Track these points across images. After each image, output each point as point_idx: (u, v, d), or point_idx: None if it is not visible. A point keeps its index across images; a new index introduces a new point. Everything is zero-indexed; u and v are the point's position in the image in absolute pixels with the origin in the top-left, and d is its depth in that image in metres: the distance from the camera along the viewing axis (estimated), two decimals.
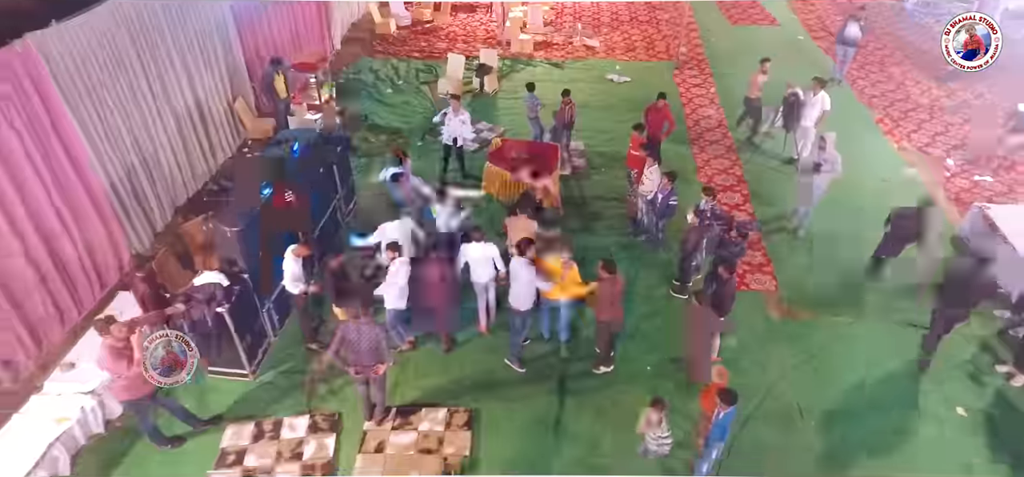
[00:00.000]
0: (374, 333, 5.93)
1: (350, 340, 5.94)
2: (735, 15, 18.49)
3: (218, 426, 6.63)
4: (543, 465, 6.47)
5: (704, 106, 13.41)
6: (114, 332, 5.52)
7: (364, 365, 6.06)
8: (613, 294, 6.76)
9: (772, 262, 9.05)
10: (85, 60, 7.63)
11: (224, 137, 11.04)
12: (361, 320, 5.90)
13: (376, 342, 5.95)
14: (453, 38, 16.89)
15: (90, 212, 7.71)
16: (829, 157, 8.90)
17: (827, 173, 8.91)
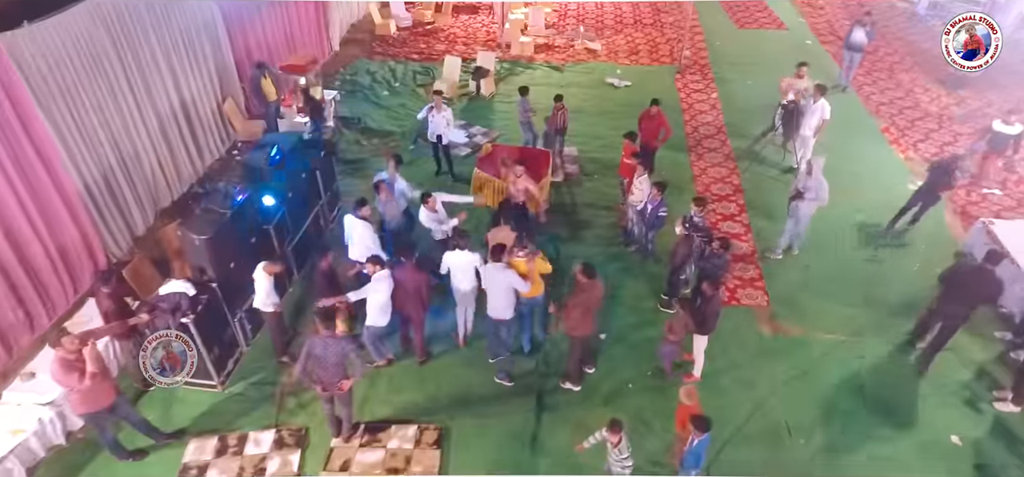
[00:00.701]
0: (341, 348, 5.73)
1: (317, 355, 5.74)
2: (742, 18, 18.14)
3: (182, 440, 6.45)
4: None
5: (704, 112, 13.09)
6: (65, 344, 5.36)
7: (330, 381, 5.85)
8: (589, 301, 6.49)
9: (765, 277, 8.73)
10: (59, 61, 7.50)
11: (212, 139, 10.91)
12: (325, 334, 5.70)
13: (343, 357, 5.75)
14: (453, 40, 16.69)
15: (62, 215, 7.59)
16: (814, 184, 8.39)
17: (811, 200, 8.40)
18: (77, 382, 5.41)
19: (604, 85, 14.28)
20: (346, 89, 13.85)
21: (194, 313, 6.40)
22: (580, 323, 6.61)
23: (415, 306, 6.97)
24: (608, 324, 8.00)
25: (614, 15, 18.56)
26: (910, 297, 8.28)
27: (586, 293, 6.49)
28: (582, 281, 6.48)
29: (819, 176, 8.38)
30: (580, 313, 6.57)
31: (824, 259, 9.02)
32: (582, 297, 6.50)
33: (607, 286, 8.49)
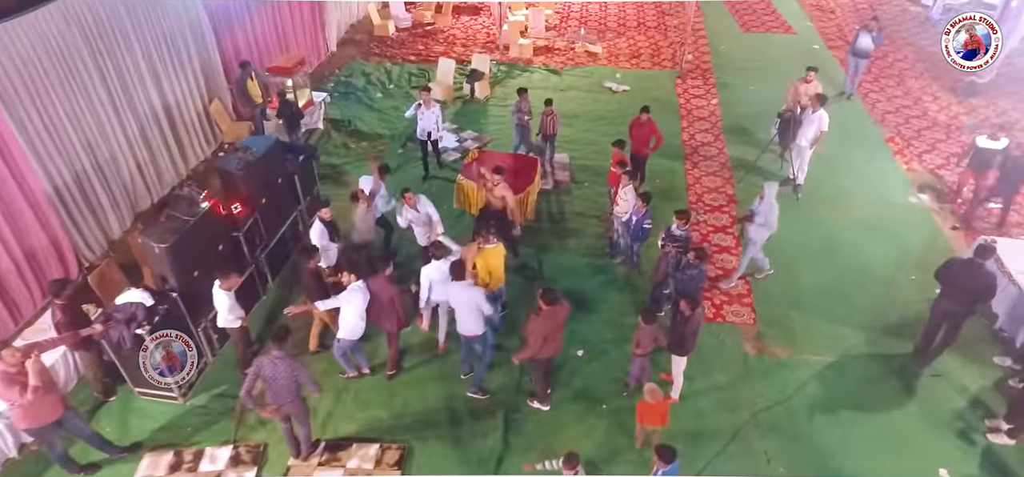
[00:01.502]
0: (291, 369, 5.50)
1: (266, 376, 5.52)
2: (748, 22, 17.73)
3: (137, 454, 6.28)
4: None
5: (703, 118, 12.73)
6: (6, 357, 5.21)
7: (282, 402, 5.63)
8: (548, 327, 6.19)
9: (754, 292, 8.39)
10: (27, 62, 7.36)
11: (197, 140, 10.78)
12: (275, 354, 5.48)
13: (293, 379, 5.52)
14: (452, 42, 16.47)
15: (29, 218, 7.46)
16: (764, 208, 7.94)
17: (760, 225, 7.96)
18: (18, 396, 5.25)
19: (602, 89, 13.97)
20: (340, 91, 13.69)
21: (150, 324, 6.22)
22: (541, 348, 6.28)
23: (389, 319, 6.71)
24: (587, 339, 7.72)
25: (617, 17, 18.23)
26: (906, 316, 7.92)
27: (546, 319, 6.17)
28: (542, 307, 6.17)
29: (771, 200, 7.95)
30: (538, 340, 6.23)
31: (817, 274, 8.66)
32: (541, 323, 6.17)
33: (591, 299, 8.33)
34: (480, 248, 7.08)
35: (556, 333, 6.36)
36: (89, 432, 6.06)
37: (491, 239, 7.09)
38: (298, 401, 5.69)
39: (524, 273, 8.72)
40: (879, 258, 8.88)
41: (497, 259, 7.16)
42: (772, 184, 8.14)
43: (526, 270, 8.77)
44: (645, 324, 6.52)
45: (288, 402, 5.64)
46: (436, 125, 10.46)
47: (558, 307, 6.20)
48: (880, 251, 8.98)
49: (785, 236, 9.29)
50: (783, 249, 9.09)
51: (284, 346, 5.50)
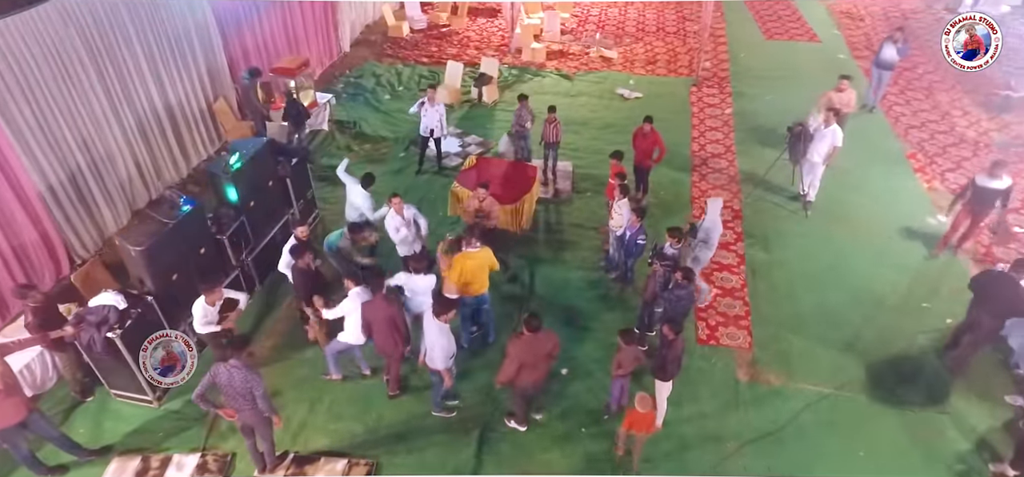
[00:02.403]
0: (246, 379, 5.38)
1: (221, 383, 5.41)
2: (772, 28, 17.21)
3: (106, 458, 6.24)
4: None
5: (715, 128, 12.33)
6: None
7: (238, 409, 5.52)
8: (529, 356, 5.91)
9: (752, 314, 8.03)
10: (20, 60, 7.39)
11: (200, 139, 10.81)
12: (231, 363, 5.37)
13: (248, 389, 5.40)
14: (466, 44, 16.32)
15: (19, 215, 7.51)
16: (707, 226, 7.62)
17: (701, 241, 7.64)
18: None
19: (613, 96, 13.66)
20: (349, 92, 13.65)
21: (122, 327, 6.17)
22: (517, 375, 5.97)
23: (390, 340, 6.39)
24: (573, 357, 7.46)
25: (637, 22, 17.87)
26: (913, 347, 7.49)
27: (526, 346, 5.87)
28: (524, 334, 5.87)
29: (714, 217, 7.62)
30: (513, 365, 5.92)
31: (821, 296, 8.25)
32: (520, 349, 5.87)
33: (581, 315, 8.07)
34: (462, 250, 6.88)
35: (537, 362, 6.00)
36: (56, 434, 6.04)
37: (475, 243, 6.90)
38: (256, 412, 5.56)
39: (513, 285, 8.50)
40: (889, 283, 8.43)
41: (477, 265, 6.90)
42: (716, 201, 7.87)
43: (515, 282, 8.54)
44: (625, 344, 6.24)
45: (245, 410, 5.52)
46: (439, 123, 10.38)
47: (541, 336, 5.89)
48: (891, 275, 8.53)
49: (790, 255, 8.97)
50: (787, 268, 8.74)
51: (240, 355, 5.38)
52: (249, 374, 5.35)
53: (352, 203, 8.23)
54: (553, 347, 6.09)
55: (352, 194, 8.16)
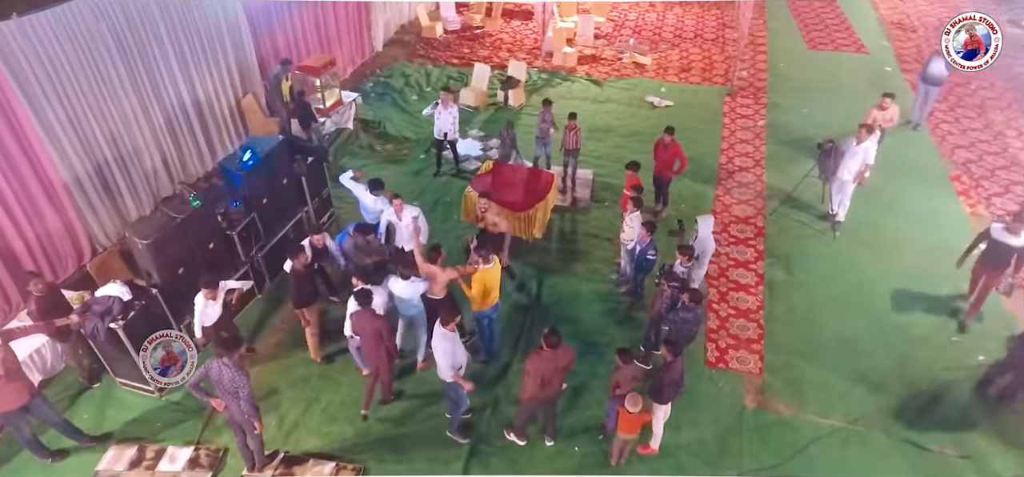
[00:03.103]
0: (233, 378, 5.42)
1: (213, 378, 5.48)
2: (816, 38, 16.57)
3: (105, 445, 6.40)
4: None
5: (746, 141, 11.91)
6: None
7: (227, 404, 5.58)
8: (549, 369, 5.82)
9: (766, 338, 7.69)
10: (51, 54, 7.64)
11: (227, 135, 11.02)
12: (224, 360, 5.41)
13: (234, 388, 5.44)
14: (498, 46, 16.25)
15: (43, 205, 7.78)
16: (697, 246, 7.33)
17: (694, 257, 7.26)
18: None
19: (643, 103, 13.37)
20: (377, 91, 13.75)
21: (124, 318, 6.31)
22: (536, 387, 5.91)
23: (377, 354, 6.34)
24: (576, 372, 7.20)
25: (675, 28, 17.47)
26: (937, 384, 7.04)
27: (545, 362, 5.80)
28: (544, 349, 5.81)
29: (706, 235, 7.37)
30: (535, 381, 5.88)
31: (842, 324, 7.85)
32: (540, 364, 5.81)
33: (587, 329, 7.88)
34: (477, 267, 6.78)
35: (553, 377, 5.95)
36: (58, 419, 6.21)
37: (489, 259, 6.79)
38: (246, 408, 5.59)
39: (520, 294, 8.36)
40: (918, 313, 7.96)
41: (495, 275, 6.87)
42: (707, 218, 7.59)
43: (523, 290, 8.41)
44: (623, 364, 6.06)
45: (233, 407, 5.58)
46: (452, 126, 10.35)
47: (559, 352, 5.83)
48: (919, 304, 8.05)
49: (812, 277, 8.59)
50: (807, 291, 8.37)
51: (231, 356, 5.42)
52: (237, 374, 5.38)
53: (365, 206, 8.29)
54: (569, 361, 6.03)
55: (364, 199, 8.22)
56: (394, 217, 7.67)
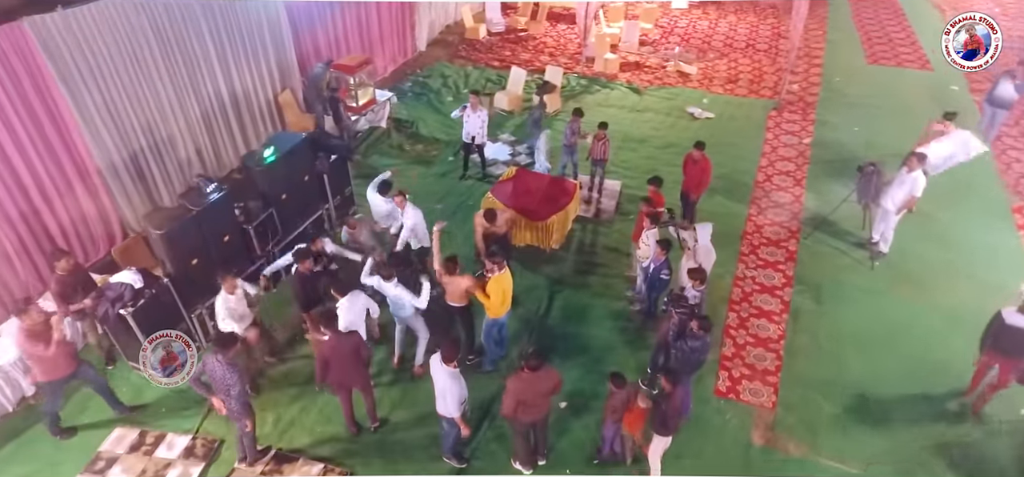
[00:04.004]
0: (224, 376, 5.51)
1: (207, 370, 5.62)
2: (878, 52, 15.69)
3: (136, 416, 6.71)
4: None
5: (788, 159, 11.35)
6: (32, 315, 5.75)
7: (223, 398, 5.68)
8: (529, 394, 5.66)
9: (784, 370, 7.26)
10: (92, 46, 7.94)
11: (262, 129, 11.29)
12: (218, 355, 5.50)
13: (227, 385, 5.53)
14: (540, 49, 16.09)
15: (78, 189, 8.13)
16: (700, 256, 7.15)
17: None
18: (43, 350, 5.79)
19: (682, 114, 12.95)
20: (414, 91, 13.83)
21: (134, 305, 6.50)
22: (516, 410, 5.75)
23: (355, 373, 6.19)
24: (580, 391, 7.07)
25: (726, 36, 16.88)
26: (968, 440, 6.46)
27: (525, 385, 5.64)
28: (524, 372, 5.66)
29: (706, 244, 7.14)
30: (512, 401, 5.71)
31: (870, 363, 7.34)
32: (519, 388, 5.65)
33: (596, 346, 7.65)
34: (489, 276, 6.64)
35: (536, 400, 5.76)
36: (103, 382, 6.51)
37: (503, 265, 6.65)
38: (235, 406, 5.66)
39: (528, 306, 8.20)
40: (958, 357, 7.30)
41: (510, 281, 6.78)
42: (706, 226, 7.30)
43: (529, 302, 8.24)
44: (616, 389, 5.82)
45: (227, 402, 5.66)
46: (481, 129, 10.29)
47: (540, 375, 5.65)
48: (959, 345, 7.39)
49: (843, 309, 8.09)
50: (835, 323, 7.88)
51: (226, 353, 5.53)
52: (228, 371, 5.47)
53: (377, 212, 8.35)
54: (553, 386, 5.82)
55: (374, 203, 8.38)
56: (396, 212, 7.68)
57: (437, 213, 9.81)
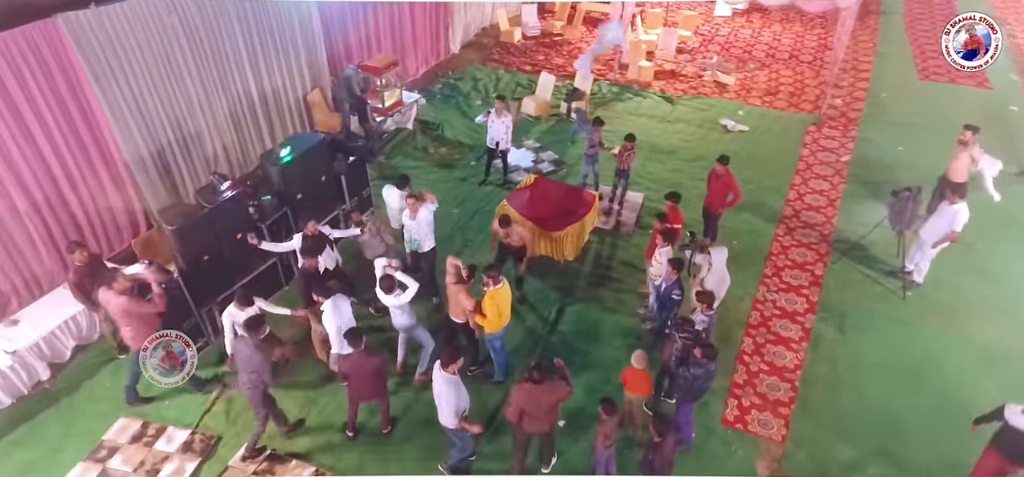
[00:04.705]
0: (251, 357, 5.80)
1: (237, 351, 5.96)
2: (932, 66, 14.89)
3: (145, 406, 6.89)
4: None
5: (822, 177, 10.87)
6: (121, 280, 6.17)
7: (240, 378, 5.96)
8: (532, 405, 5.59)
9: (798, 402, 6.91)
10: (124, 44, 8.15)
11: (290, 127, 11.44)
12: (250, 338, 5.79)
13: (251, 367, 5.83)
14: (575, 54, 15.84)
15: (106, 181, 8.38)
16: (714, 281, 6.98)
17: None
18: (150, 306, 6.25)
19: (714, 126, 12.56)
20: (444, 93, 13.83)
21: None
22: (519, 419, 5.72)
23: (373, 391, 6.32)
24: (581, 410, 6.87)
25: (769, 46, 16.33)
26: None
27: (528, 395, 5.57)
28: (526, 384, 5.59)
29: (721, 270, 6.83)
30: (514, 411, 5.67)
31: (893, 399, 6.92)
32: (521, 397, 5.59)
33: (603, 364, 7.46)
34: (485, 290, 6.58)
35: (539, 413, 5.68)
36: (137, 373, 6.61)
37: (499, 280, 6.60)
38: (252, 392, 5.89)
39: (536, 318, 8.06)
40: (987, 400, 6.75)
41: (507, 294, 6.72)
42: (721, 251, 7.01)
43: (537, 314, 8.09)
44: (607, 416, 5.63)
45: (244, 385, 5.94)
46: (505, 135, 10.21)
47: (544, 387, 5.56)
48: (991, 388, 6.92)
49: (868, 341, 7.68)
50: (858, 355, 7.50)
51: (254, 334, 5.81)
52: (255, 353, 5.74)
53: (392, 210, 8.36)
54: (558, 399, 5.72)
55: (390, 202, 8.33)
56: (407, 217, 7.64)
57: (454, 217, 9.83)
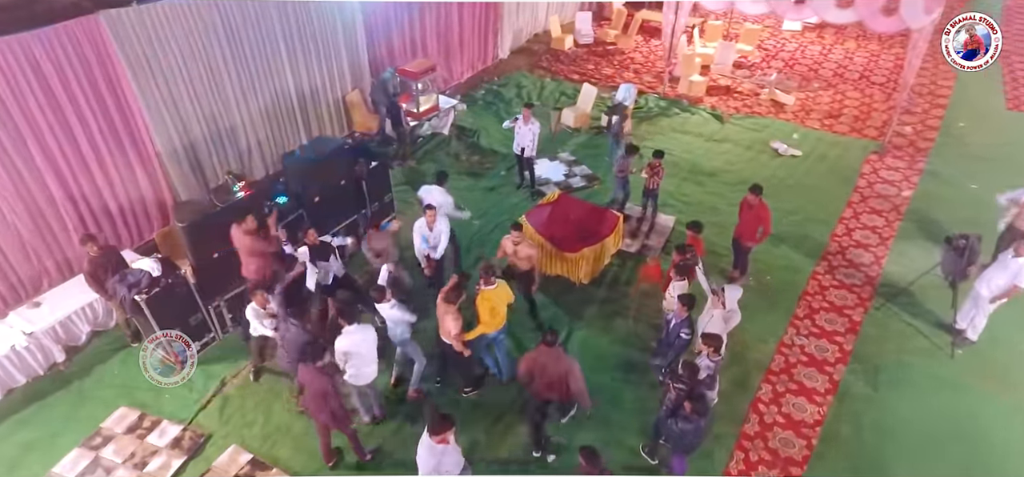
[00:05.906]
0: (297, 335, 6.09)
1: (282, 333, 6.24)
2: (1023, 95, 13.50)
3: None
4: None
5: (879, 212, 9.99)
6: (248, 221, 6.89)
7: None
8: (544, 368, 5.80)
9: (811, 460, 6.31)
10: (164, 42, 8.42)
11: (327, 127, 11.61)
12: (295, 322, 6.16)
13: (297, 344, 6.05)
14: (626, 65, 15.43)
15: (139, 173, 8.69)
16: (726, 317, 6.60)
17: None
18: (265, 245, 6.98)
19: (765, 149, 11.83)
20: (487, 99, 13.68)
21: (148, 293, 6.80)
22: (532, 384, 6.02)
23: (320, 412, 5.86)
24: (572, 444, 6.52)
25: (838, 65, 15.29)
26: None
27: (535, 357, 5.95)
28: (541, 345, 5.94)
29: (733, 305, 6.43)
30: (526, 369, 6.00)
31: (924, 466, 6.21)
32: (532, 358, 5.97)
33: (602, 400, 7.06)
34: (479, 289, 6.49)
35: (546, 375, 5.84)
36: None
37: (492, 281, 6.44)
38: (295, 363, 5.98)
39: None
40: None
41: (499, 295, 6.55)
42: (734, 289, 6.62)
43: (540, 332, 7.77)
44: (587, 464, 5.26)
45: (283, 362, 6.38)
46: (531, 142, 10.07)
47: (553, 352, 5.85)
48: None
49: (904, 399, 6.99)
50: (889, 414, 6.81)
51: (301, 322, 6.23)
52: (299, 333, 6.08)
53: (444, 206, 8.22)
54: (562, 373, 5.83)
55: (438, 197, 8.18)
56: (424, 228, 7.52)
57: (474, 228, 9.63)
